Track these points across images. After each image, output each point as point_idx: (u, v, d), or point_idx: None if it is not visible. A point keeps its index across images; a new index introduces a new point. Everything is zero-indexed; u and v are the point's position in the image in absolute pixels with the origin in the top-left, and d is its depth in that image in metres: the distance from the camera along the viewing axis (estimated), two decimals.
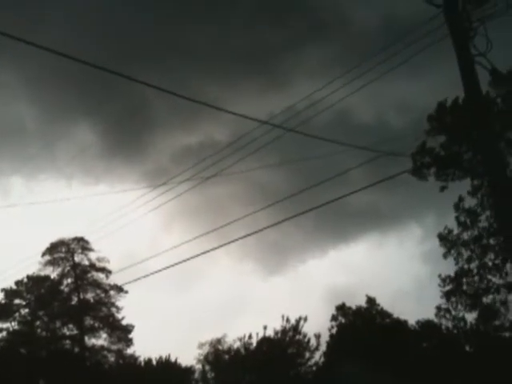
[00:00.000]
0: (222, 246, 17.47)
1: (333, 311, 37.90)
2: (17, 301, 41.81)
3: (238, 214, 14.96)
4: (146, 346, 42.63)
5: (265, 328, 35.20)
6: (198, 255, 17.12)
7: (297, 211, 14.02)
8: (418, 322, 34.29)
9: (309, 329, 35.80)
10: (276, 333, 35.22)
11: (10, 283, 41.09)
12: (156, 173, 55.01)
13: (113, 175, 65.86)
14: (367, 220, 64.10)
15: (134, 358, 40.73)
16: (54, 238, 42.21)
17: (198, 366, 38.14)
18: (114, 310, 42.16)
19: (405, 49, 10.34)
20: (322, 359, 35.19)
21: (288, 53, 59.57)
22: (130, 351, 41.55)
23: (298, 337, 35.12)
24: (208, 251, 17.07)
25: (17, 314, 41.55)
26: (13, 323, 41.44)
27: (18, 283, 41.48)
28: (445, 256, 28.35)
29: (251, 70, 59.95)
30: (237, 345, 35.76)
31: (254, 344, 35.68)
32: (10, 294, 41.41)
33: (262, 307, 54.27)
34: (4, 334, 41.25)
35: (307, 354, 35.10)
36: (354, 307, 37.68)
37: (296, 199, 14.04)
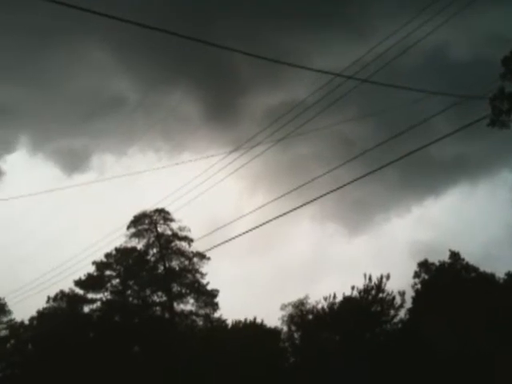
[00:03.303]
0: (302, 205, 17.47)
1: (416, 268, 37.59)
2: (107, 272, 43.95)
3: (321, 173, 14.80)
4: (231, 310, 43.89)
5: (352, 288, 35.41)
6: (278, 217, 17.23)
7: (380, 165, 13.80)
8: (507, 274, 33.31)
9: (393, 286, 35.67)
10: (359, 292, 35.32)
11: (100, 256, 43.46)
12: (242, 136, 55.03)
13: (201, 142, 66.88)
14: (456, 171, 61.60)
15: (221, 322, 42.20)
16: (139, 211, 44.03)
17: (283, 327, 39.07)
18: (198, 276, 43.54)
19: None
20: (408, 316, 35.02)
21: None
22: (216, 315, 43.09)
23: (381, 295, 35.06)
24: (289, 211, 17.14)
25: (108, 285, 43.70)
26: (105, 293, 43.73)
27: (107, 256, 43.60)
28: None
29: (334, 19, 57.27)
30: (320, 305, 36.24)
31: (337, 304, 36.01)
32: (101, 266, 43.59)
33: (345, 267, 54.35)
34: (98, 304, 43.68)
35: (392, 312, 35.01)
36: (437, 263, 37.10)
37: (379, 154, 13.76)
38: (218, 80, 61.63)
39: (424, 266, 37.66)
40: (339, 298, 35.81)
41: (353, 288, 35.58)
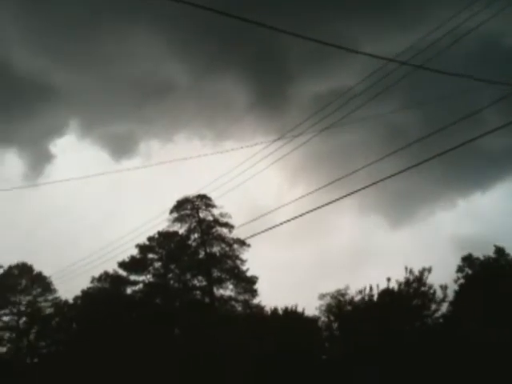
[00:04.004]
0: (343, 196, 17.27)
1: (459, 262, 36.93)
2: (150, 255, 44.83)
3: (365, 162, 14.58)
4: (269, 297, 44.17)
5: (388, 280, 34.94)
6: (319, 207, 17.08)
7: (426, 157, 13.47)
8: None
9: (435, 280, 35.06)
10: (399, 284, 34.85)
11: (143, 239, 44.34)
12: (288, 124, 54.16)
13: (246, 130, 66.59)
14: (507, 165, 59.28)
15: (259, 308, 42.49)
16: (181, 196, 44.69)
17: (320, 316, 39.04)
18: (238, 262, 43.95)
19: None
20: (450, 311, 34.41)
21: None
22: (255, 301, 43.43)
23: (423, 288, 34.50)
24: (330, 202, 16.95)
25: (151, 268, 44.62)
26: (148, 276, 44.70)
27: (150, 239, 44.47)
28: None
29: (387, 5, 55.60)
30: (359, 296, 35.97)
31: (377, 295, 35.64)
32: (144, 249, 44.50)
33: (386, 259, 53.71)
34: (141, 285, 44.68)
35: (433, 306, 34.42)
36: (481, 258, 36.30)
37: (426, 144, 13.43)
38: (267, 67, 61.07)
39: (468, 260, 36.94)
40: (378, 290, 35.41)
41: (388, 280, 35.03)
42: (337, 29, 53.27)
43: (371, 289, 35.55)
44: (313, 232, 65.62)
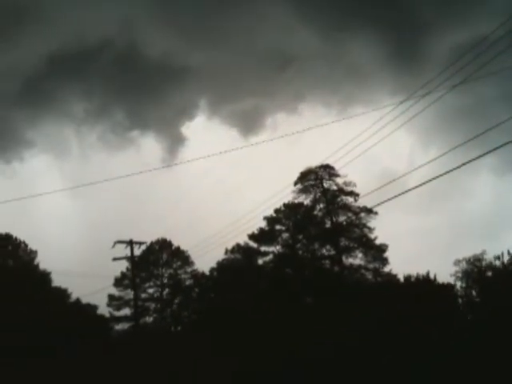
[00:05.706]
0: (480, 156, 16.10)
1: None
2: (277, 227, 45.87)
3: (507, 116, 13.37)
4: (401, 265, 43.14)
5: None
6: (453, 169, 16.12)
7: None
8: None
9: None
10: None
11: (270, 211, 45.32)
12: (423, 81, 51.29)
13: (376, 91, 63.22)
14: None
15: (391, 276, 41.70)
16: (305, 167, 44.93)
17: (456, 283, 37.39)
18: (366, 230, 43.41)
19: None
20: None
21: None
22: (385, 270, 42.68)
23: None
24: (467, 163, 15.90)
25: (279, 239, 45.61)
26: (277, 247, 45.79)
27: (277, 211, 45.40)
28: None
29: None
30: (500, 261, 33.85)
31: None
32: (271, 221, 45.61)
33: None
34: (270, 256, 45.90)
35: None
36: None
37: None
38: (398, 21, 57.20)
39: None
40: None
41: None
42: None
43: None
44: (446, 195, 62.57)
